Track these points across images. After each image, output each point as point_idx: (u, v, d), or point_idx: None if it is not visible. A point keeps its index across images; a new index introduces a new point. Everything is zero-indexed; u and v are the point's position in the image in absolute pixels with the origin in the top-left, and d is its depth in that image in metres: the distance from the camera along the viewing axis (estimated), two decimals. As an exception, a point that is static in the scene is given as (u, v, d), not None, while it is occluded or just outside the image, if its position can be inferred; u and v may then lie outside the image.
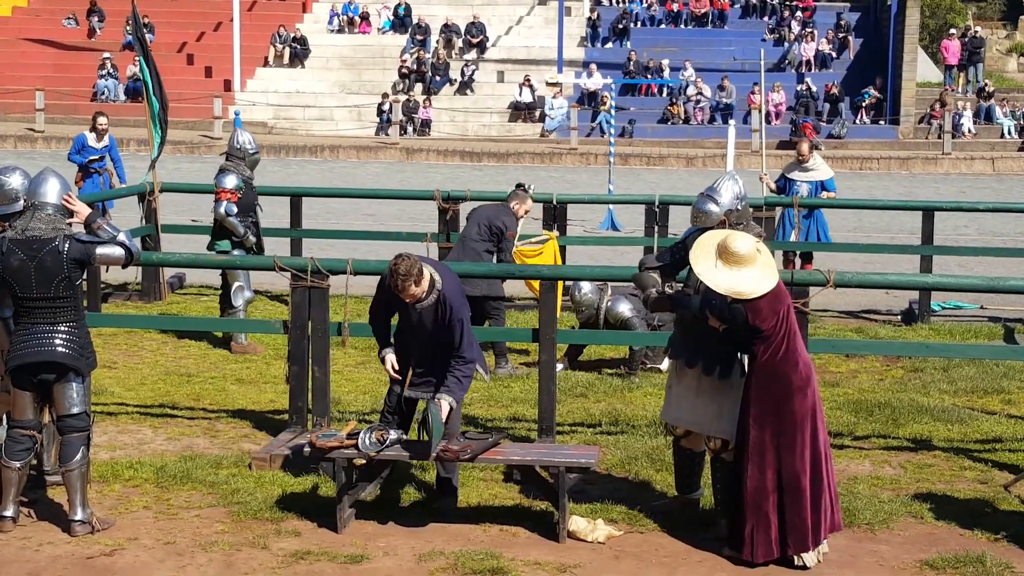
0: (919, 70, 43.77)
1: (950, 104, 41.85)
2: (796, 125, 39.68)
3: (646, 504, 9.42)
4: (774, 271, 8.33)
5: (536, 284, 13.91)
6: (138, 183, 17.62)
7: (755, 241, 8.39)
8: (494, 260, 13.60)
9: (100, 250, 8.76)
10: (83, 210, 8.90)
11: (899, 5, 43.34)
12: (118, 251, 8.80)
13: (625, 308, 13.42)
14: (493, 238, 13.62)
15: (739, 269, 8.20)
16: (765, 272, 8.26)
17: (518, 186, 14.28)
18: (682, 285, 9.35)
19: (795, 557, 8.32)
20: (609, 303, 13.61)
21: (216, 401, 12.19)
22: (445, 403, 8.89)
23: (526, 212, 14.06)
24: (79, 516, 8.76)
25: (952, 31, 45.94)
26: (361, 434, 8.91)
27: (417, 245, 17.46)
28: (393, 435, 8.89)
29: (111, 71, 44.15)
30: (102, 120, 20.08)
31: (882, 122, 42.61)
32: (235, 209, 14.42)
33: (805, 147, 17.87)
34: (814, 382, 8.40)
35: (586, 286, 13.79)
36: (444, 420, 8.86)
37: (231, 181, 14.54)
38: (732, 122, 30.88)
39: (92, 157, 19.76)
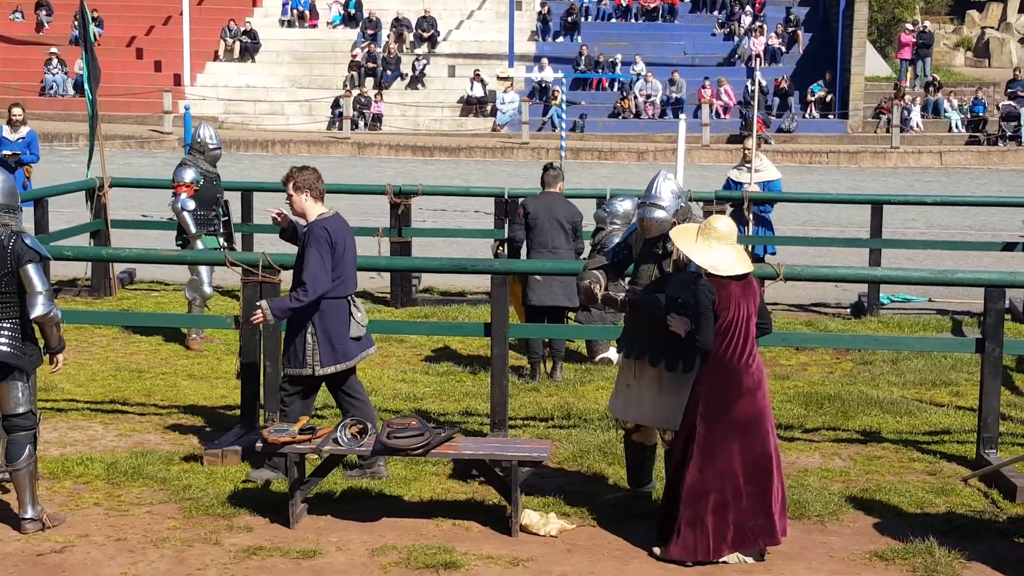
0: (868, 64, 44.06)
1: (906, 98, 42.16)
2: (746, 119, 39.86)
3: (598, 498, 9.46)
4: (748, 263, 8.41)
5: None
6: (86, 179, 17.48)
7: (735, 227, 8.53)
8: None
9: (34, 267, 8.54)
10: None
11: (847, 0, 43.60)
12: (40, 286, 8.53)
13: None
14: (574, 234, 13.50)
15: (720, 245, 8.27)
16: (742, 257, 8.35)
17: (551, 167, 14.07)
18: (628, 280, 9.37)
19: (727, 557, 8.32)
20: (610, 235, 13.54)
21: (167, 397, 12.14)
22: (262, 305, 9.50)
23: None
24: (29, 514, 8.70)
25: (909, 27, 46.18)
26: (338, 430, 8.94)
27: (369, 240, 17.44)
28: (370, 428, 8.99)
29: (59, 65, 43.78)
30: (17, 111, 19.64)
31: (831, 116, 42.87)
32: (192, 204, 14.23)
33: (750, 143, 17.36)
34: (765, 387, 8.42)
35: (627, 205, 13.79)
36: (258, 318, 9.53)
37: (189, 175, 14.28)
38: (683, 116, 30.94)
39: (6, 152, 19.31)
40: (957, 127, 42.41)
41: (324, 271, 9.38)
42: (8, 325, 8.57)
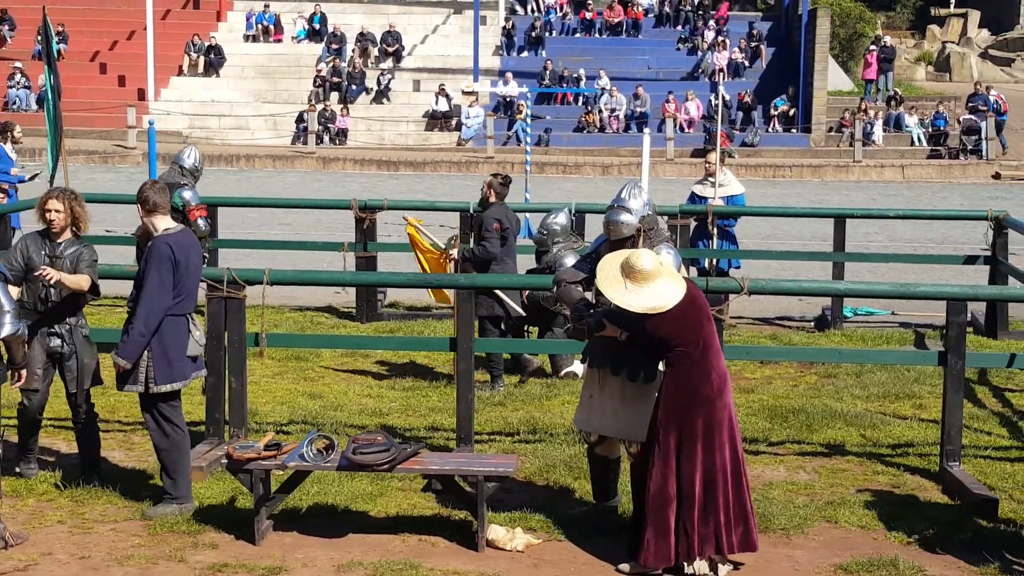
0: (830, 79, 44.31)
1: (869, 112, 42.44)
2: (710, 133, 40.00)
3: (565, 512, 9.47)
4: (680, 280, 8.39)
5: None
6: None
7: (655, 255, 8.46)
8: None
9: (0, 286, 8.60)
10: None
11: (810, 15, 43.84)
12: (7, 305, 8.58)
13: (570, 262, 13.24)
14: None
15: (649, 285, 8.22)
16: (672, 283, 8.30)
17: (509, 178, 14.13)
18: (594, 291, 9.38)
19: (684, 565, 8.31)
20: (560, 252, 13.63)
21: (131, 413, 12.04)
22: (115, 361, 9.30)
23: None
24: (-8, 531, 8.67)
25: (872, 47, 46.41)
26: (304, 445, 8.92)
27: (334, 255, 17.43)
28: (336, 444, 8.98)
29: (22, 80, 43.59)
30: (19, 132, 19.72)
31: (794, 130, 43.08)
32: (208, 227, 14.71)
33: (712, 157, 17.34)
34: (727, 396, 8.40)
35: (562, 219, 13.96)
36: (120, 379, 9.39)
37: (195, 196, 14.55)
38: (647, 131, 30.90)
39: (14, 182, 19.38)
40: (919, 141, 42.67)
41: (163, 293, 9.23)
42: (-30, 342, 8.57)
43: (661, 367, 8.71)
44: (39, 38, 41.18)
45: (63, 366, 9.77)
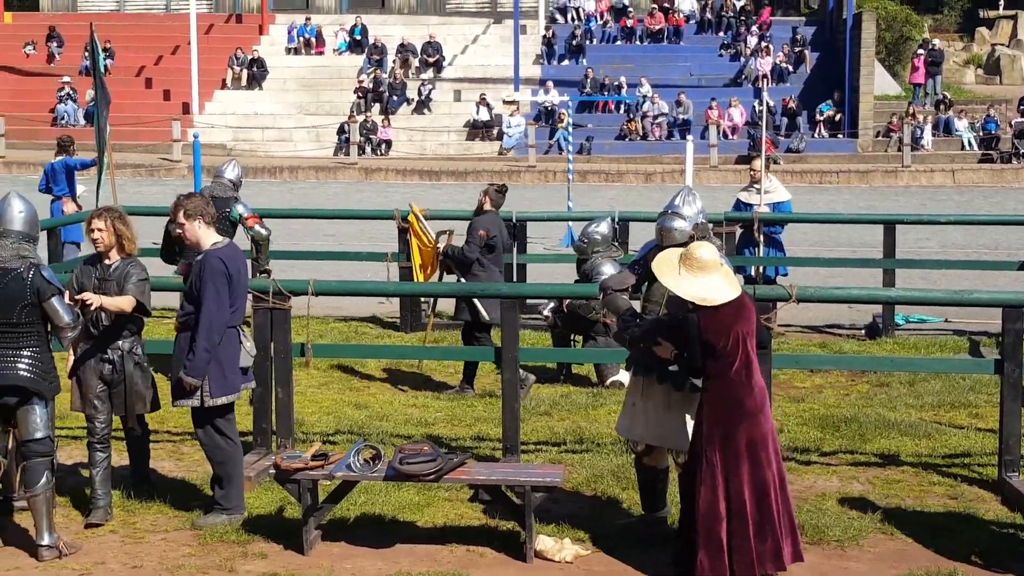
0: (876, 83, 43.97)
1: (917, 116, 42.10)
2: (755, 140, 39.81)
3: (613, 523, 9.37)
4: (736, 285, 8.29)
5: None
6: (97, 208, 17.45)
7: (717, 252, 8.38)
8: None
9: (56, 300, 8.65)
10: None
11: (855, 18, 43.57)
12: (67, 318, 8.68)
13: (607, 270, 13.21)
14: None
15: (704, 276, 8.14)
16: (728, 281, 8.23)
17: (505, 187, 14.36)
18: (642, 299, 9.29)
19: None
20: (598, 261, 13.58)
21: (180, 424, 12.03)
22: (185, 380, 9.18)
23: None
24: (46, 541, 8.69)
25: (920, 51, 46.02)
26: (351, 455, 8.87)
27: (377, 265, 17.39)
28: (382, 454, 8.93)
29: (70, 95, 43.99)
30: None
31: (840, 135, 42.78)
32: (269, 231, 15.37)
33: (757, 164, 17.21)
34: (768, 410, 8.30)
35: (604, 228, 13.95)
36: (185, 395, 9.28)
37: (246, 207, 15.19)
38: (690, 138, 30.82)
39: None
40: (969, 145, 42.19)
41: (222, 308, 9.17)
42: (28, 353, 8.66)
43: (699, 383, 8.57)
44: (86, 54, 41.66)
45: (112, 391, 9.58)
